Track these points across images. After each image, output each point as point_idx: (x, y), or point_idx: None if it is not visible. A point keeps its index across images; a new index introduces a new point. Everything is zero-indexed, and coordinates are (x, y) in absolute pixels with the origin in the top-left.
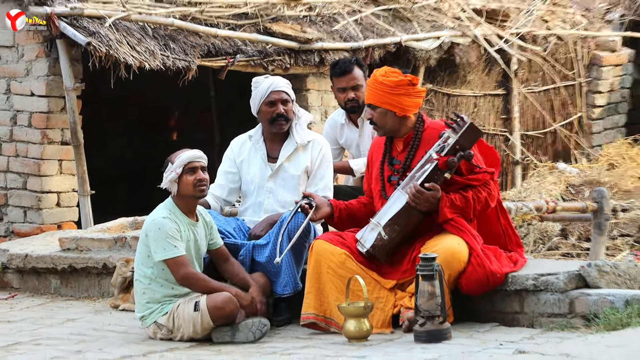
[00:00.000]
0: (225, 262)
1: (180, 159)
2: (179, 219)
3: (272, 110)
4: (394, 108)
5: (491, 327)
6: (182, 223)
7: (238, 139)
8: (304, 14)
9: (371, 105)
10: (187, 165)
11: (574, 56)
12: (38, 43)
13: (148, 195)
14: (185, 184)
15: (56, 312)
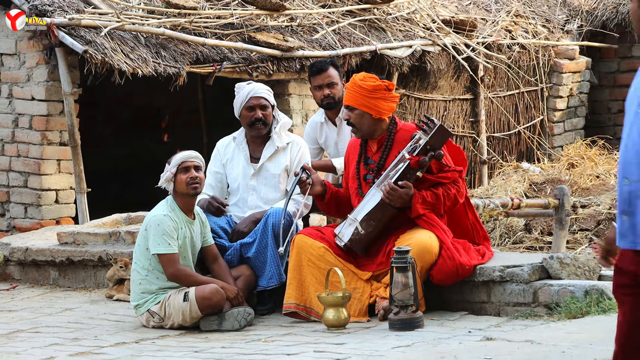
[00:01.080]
0: (214, 262)
1: (175, 159)
2: (178, 216)
3: (251, 114)
4: (371, 111)
5: (461, 316)
6: (180, 221)
7: (223, 141)
8: (285, 24)
9: (349, 107)
10: (181, 165)
11: (536, 64)
12: (38, 51)
13: (141, 193)
14: (179, 182)
15: (55, 302)
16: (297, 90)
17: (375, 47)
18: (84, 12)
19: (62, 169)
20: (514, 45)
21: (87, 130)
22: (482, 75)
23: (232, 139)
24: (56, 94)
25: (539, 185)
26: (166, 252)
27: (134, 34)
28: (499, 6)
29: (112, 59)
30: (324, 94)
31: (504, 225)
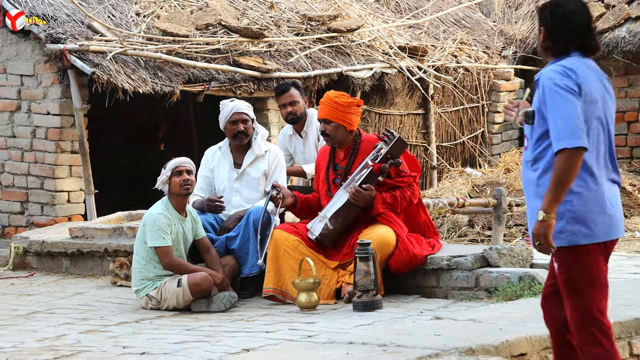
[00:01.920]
0: (207, 253)
1: (170, 165)
2: (171, 214)
3: (234, 127)
4: (345, 123)
5: (414, 299)
6: (173, 218)
7: (210, 150)
8: (265, 49)
9: (327, 120)
10: (175, 169)
11: (478, 84)
12: (53, 72)
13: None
14: (174, 184)
15: (67, 287)
16: (275, 106)
17: (341, 69)
18: (92, 39)
19: (73, 173)
20: (459, 68)
21: (96, 141)
22: (432, 94)
23: (218, 148)
24: (68, 109)
25: (480, 187)
26: (161, 245)
27: (135, 58)
28: (446, 35)
29: (116, 79)
30: (288, 111)
31: (451, 221)
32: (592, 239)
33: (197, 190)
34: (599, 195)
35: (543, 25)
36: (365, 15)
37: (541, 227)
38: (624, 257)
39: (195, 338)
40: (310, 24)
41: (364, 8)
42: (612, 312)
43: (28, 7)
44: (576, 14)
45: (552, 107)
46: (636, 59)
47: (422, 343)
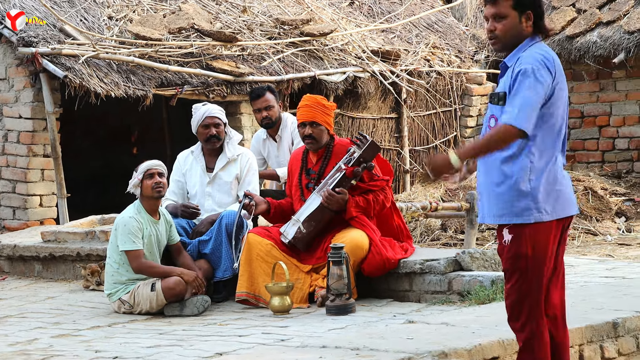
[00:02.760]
0: (179, 255)
1: (141, 167)
2: (143, 217)
3: (206, 132)
4: (328, 126)
5: (387, 302)
6: (145, 221)
7: (183, 154)
8: (238, 53)
9: (314, 123)
10: (146, 172)
11: (450, 88)
12: (25, 76)
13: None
14: (145, 187)
15: (39, 292)
16: (248, 110)
17: (314, 73)
18: (65, 43)
19: (45, 177)
20: (431, 72)
21: (68, 144)
22: (405, 98)
23: (191, 152)
24: (40, 113)
25: (453, 191)
26: (131, 248)
27: (107, 62)
28: (419, 39)
29: (88, 83)
30: (263, 115)
31: (424, 225)
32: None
33: (169, 194)
34: (562, 174)
35: (530, 9)
36: (338, 19)
37: (444, 164)
38: (596, 260)
39: (168, 342)
40: (283, 27)
41: (336, 12)
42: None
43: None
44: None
45: (519, 87)
46: (607, 64)
47: (395, 347)
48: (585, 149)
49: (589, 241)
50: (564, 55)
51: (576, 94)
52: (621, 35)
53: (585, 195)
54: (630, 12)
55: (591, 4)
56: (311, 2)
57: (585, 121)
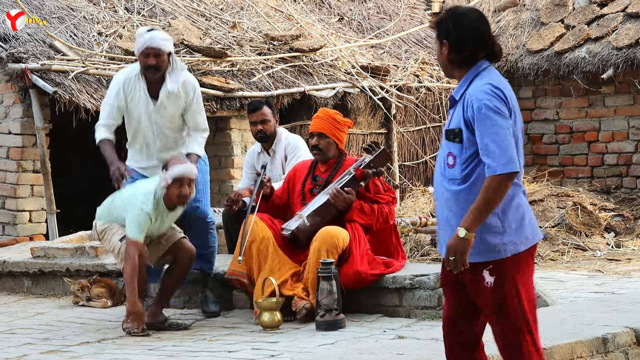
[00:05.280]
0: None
1: (173, 172)
2: (158, 210)
3: (145, 60)
4: (338, 140)
5: (377, 318)
6: (159, 213)
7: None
8: (227, 69)
9: (322, 134)
10: (177, 178)
11: (440, 103)
12: (15, 92)
13: None
14: (171, 193)
15: (28, 307)
16: (237, 125)
17: (304, 88)
18: (54, 59)
19: (35, 192)
20: (421, 88)
21: (58, 160)
22: (394, 113)
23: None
24: (30, 129)
25: None
26: (134, 239)
27: (97, 77)
28: (408, 55)
29: (78, 98)
30: (258, 129)
31: (414, 240)
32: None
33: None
34: (524, 198)
35: (446, 38)
36: (328, 35)
37: (461, 244)
38: (585, 276)
39: (157, 358)
40: (273, 43)
41: (326, 28)
42: (573, 331)
43: None
44: (478, 22)
45: (484, 130)
46: (596, 80)
47: None
48: (575, 165)
49: (578, 257)
50: (552, 70)
51: (565, 109)
52: (609, 51)
53: (574, 211)
54: (618, 28)
55: (580, 20)
56: (301, 18)
57: (574, 136)
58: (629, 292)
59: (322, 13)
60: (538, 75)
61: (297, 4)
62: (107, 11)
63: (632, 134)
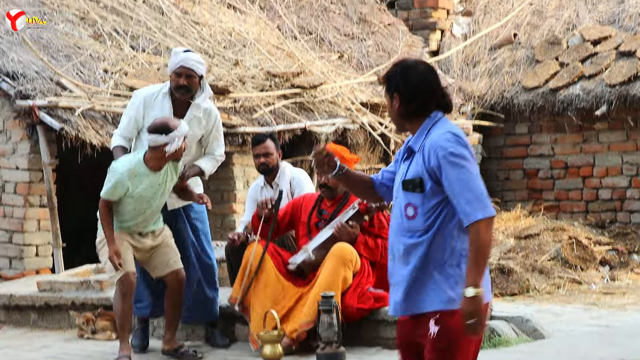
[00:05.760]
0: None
1: (182, 130)
2: (138, 174)
3: (177, 80)
4: None
5: (376, 351)
6: (139, 177)
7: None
8: (230, 105)
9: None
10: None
11: None
12: (22, 128)
13: None
14: (180, 151)
15: (34, 340)
16: (240, 160)
17: (304, 124)
18: (61, 96)
19: (41, 227)
20: None
21: (64, 194)
22: (393, 149)
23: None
24: (37, 164)
25: None
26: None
27: (103, 114)
28: None
29: (84, 135)
30: (261, 161)
31: None
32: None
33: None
34: None
35: (396, 91)
36: (328, 72)
37: (474, 303)
38: (580, 309)
39: None
40: (275, 80)
41: (326, 65)
42: None
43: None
44: (427, 74)
45: (455, 178)
46: (590, 116)
47: None
48: (569, 199)
49: (573, 290)
50: (547, 107)
51: (560, 144)
52: (603, 88)
53: (570, 245)
54: (611, 65)
55: (574, 58)
56: (302, 56)
57: (569, 172)
58: (624, 325)
59: (323, 50)
60: (533, 111)
61: (298, 42)
62: (113, 49)
63: (626, 170)
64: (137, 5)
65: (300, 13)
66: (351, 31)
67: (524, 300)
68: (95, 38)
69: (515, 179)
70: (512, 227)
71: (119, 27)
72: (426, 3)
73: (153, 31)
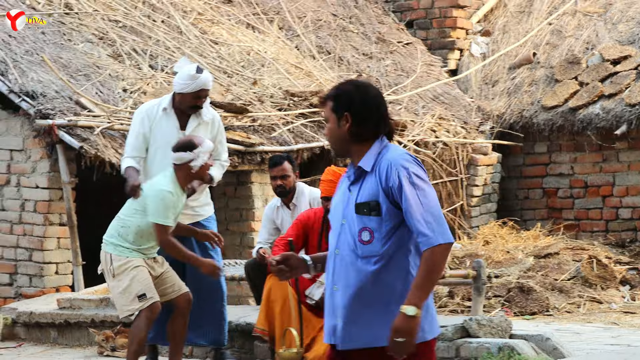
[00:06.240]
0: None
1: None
2: (177, 192)
3: (196, 101)
4: None
5: None
6: (178, 195)
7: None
8: (249, 124)
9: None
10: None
11: (456, 158)
12: (42, 147)
13: None
14: (205, 168)
15: (54, 358)
16: (259, 179)
17: (323, 143)
18: (80, 115)
19: (61, 245)
20: (438, 143)
21: (84, 212)
22: None
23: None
24: (56, 183)
25: (459, 258)
26: (163, 223)
27: (122, 133)
28: (426, 110)
29: (103, 153)
30: (277, 184)
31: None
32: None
33: (131, 151)
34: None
35: (347, 110)
36: None
37: (410, 323)
38: (601, 328)
39: None
40: (293, 99)
41: None
42: None
43: (18, 84)
44: (380, 97)
45: (415, 200)
46: (609, 135)
47: None
48: (589, 218)
49: (594, 309)
50: (567, 126)
51: (580, 164)
52: (623, 107)
53: (589, 264)
54: (631, 85)
55: (593, 77)
56: (320, 75)
57: (589, 191)
58: None
59: (341, 70)
60: (553, 130)
61: (317, 61)
62: (132, 69)
63: None
64: (156, 25)
65: (318, 32)
66: (370, 50)
67: (544, 319)
68: (115, 57)
69: (534, 198)
70: (532, 246)
71: (137, 46)
72: (445, 23)
73: (172, 50)
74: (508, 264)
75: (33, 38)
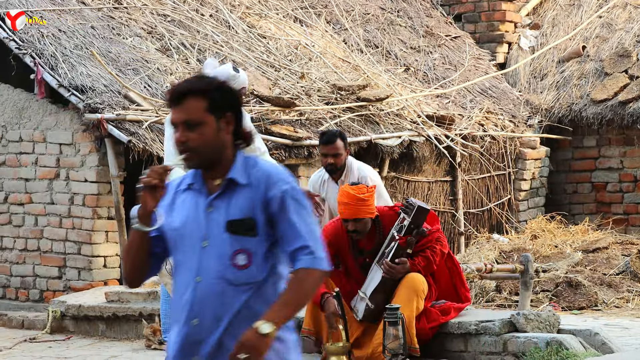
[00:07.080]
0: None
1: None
2: None
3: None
4: (371, 214)
5: None
6: None
7: None
8: (296, 118)
9: (358, 219)
10: None
11: (504, 152)
12: (91, 141)
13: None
14: None
15: (103, 351)
16: (306, 172)
17: (370, 137)
18: (129, 109)
19: (109, 239)
20: (485, 137)
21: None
22: (459, 161)
23: None
24: (105, 177)
25: (507, 253)
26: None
27: None
28: (473, 104)
29: (151, 147)
30: (329, 161)
31: (479, 286)
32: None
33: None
34: None
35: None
36: (394, 85)
37: (262, 341)
38: None
39: None
40: (340, 93)
41: (392, 78)
42: None
43: (67, 79)
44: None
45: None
46: None
47: None
48: (639, 213)
49: None
50: (616, 120)
51: (629, 158)
52: None
53: (639, 258)
54: None
55: None
56: (367, 69)
57: (639, 185)
58: None
59: (389, 64)
60: (602, 124)
61: (364, 55)
62: (180, 63)
63: None
64: (204, 20)
65: (366, 26)
66: (417, 44)
67: (592, 314)
68: (163, 52)
69: (583, 192)
70: (580, 241)
71: (186, 40)
72: (493, 16)
73: (220, 45)
74: (556, 259)
75: (82, 32)
